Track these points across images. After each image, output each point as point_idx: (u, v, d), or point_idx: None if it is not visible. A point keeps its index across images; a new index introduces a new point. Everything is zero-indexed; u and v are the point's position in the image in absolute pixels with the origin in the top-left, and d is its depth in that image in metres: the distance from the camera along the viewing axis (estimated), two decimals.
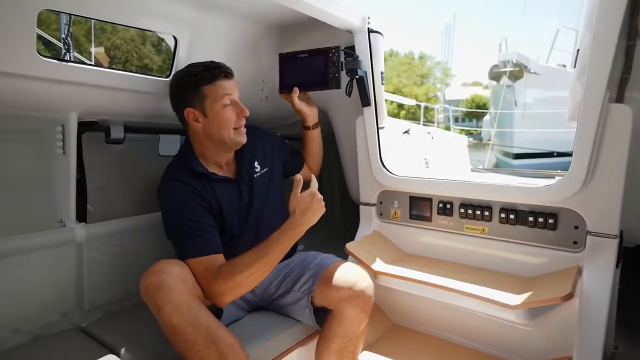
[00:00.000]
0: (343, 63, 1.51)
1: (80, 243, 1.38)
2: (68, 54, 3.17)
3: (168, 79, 1.42)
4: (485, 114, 16.72)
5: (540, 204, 1.36)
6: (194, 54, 1.46)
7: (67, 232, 1.35)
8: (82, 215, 1.46)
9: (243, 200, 1.37)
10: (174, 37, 1.44)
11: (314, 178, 1.23)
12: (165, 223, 1.26)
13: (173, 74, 1.38)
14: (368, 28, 1.56)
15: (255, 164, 1.42)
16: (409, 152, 2.85)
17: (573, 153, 1.23)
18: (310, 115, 1.57)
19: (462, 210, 1.53)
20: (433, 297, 1.45)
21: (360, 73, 1.55)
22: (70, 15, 2.78)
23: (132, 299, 1.51)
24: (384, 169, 1.68)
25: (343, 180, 2.06)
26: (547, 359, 1.35)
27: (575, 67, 1.32)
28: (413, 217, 1.67)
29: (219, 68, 1.28)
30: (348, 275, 1.32)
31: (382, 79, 1.66)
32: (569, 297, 1.15)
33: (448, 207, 1.56)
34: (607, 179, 1.21)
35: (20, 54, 1.09)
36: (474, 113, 22.33)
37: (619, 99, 1.20)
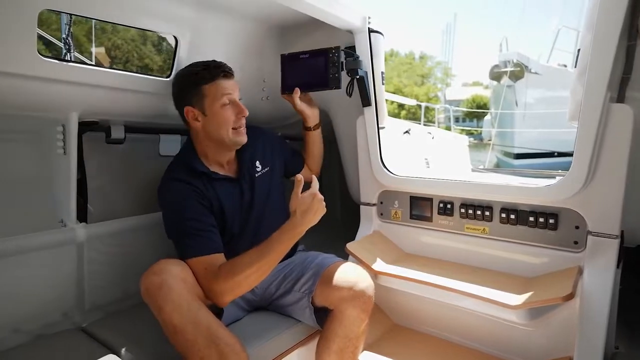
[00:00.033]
0: (343, 63, 1.51)
1: (81, 243, 1.38)
2: (69, 54, 3.18)
3: (169, 79, 1.42)
4: (486, 114, 16.72)
5: (541, 204, 1.36)
6: (195, 54, 1.46)
7: (67, 232, 1.35)
8: (82, 215, 1.46)
9: (244, 200, 1.37)
10: (175, 37, 1.44)
11: (315, 178, 1.23)
12: (166, 223, 1.26)
13: (175, 73, 1.38)
14: (368, 28, 1.56)
15: (257, 164, 1.42)
16: (410, 152, 2.85)
17: (574, 153, 1.23)
18: (312, 116, 1.57)
19: (462, 210, 1.53)
20: (433, 297, 1.45)
21: (361, 73, 1.55)
22: (71, 15, 2.79)
23: (132, 299, 1.51)
24: (385, 169, 1.68)
25: (344, 180, 2.05)
26: (547, 359, 1.35)
27: (576, 67, 1.31)
28: (413, 217, 1.67)
29: (219, 67, 1.28)
30: (348, 275, 1.32)
31: (382, 79, 1.66)
32: (570, 297, 1.15)
33: (449, 207, 1.56)
34: (608, 179, 1.21)
35: (21, 54, 1.09)
36: (475, 113, 22.35)
37: (620, 99, 1.19)
